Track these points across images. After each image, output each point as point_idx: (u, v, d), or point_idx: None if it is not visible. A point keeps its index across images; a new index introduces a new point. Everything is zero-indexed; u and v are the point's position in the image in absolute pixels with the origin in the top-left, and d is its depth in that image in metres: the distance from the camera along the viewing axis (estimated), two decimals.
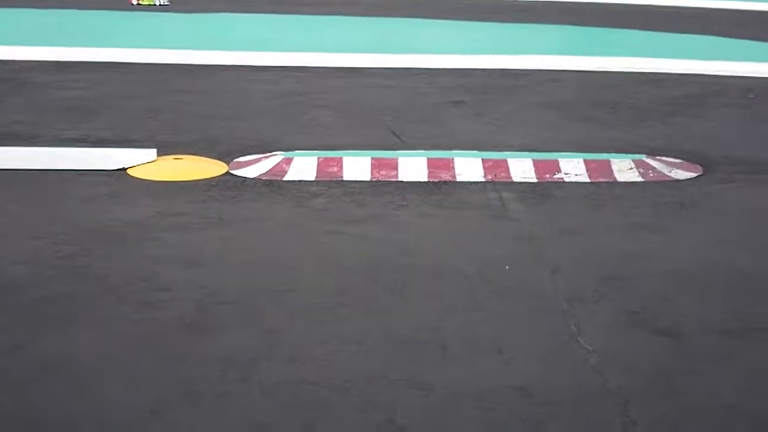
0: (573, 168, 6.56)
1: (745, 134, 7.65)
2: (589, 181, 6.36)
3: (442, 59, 10.84)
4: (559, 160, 6.71)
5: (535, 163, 6.64)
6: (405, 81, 9.81)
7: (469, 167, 6.57)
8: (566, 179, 6.42)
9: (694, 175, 6.52)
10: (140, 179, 6.30)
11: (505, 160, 6.69)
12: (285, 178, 6.39)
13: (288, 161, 6.63)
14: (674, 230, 5.44)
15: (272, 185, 6.22)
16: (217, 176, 6.40)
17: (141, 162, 6.60)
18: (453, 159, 6.71)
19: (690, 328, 4.08)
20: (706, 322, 4.14)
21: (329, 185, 6.23)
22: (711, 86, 9.40)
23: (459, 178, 6.42)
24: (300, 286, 4.56)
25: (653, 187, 6.23)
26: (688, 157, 6.82)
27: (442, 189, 6.18)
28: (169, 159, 6.75)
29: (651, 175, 6.48)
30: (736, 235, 5.36)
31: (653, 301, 4.38)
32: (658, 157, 6.80)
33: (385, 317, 4.22)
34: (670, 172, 6.55)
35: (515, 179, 6.39)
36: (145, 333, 4.02)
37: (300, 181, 6.32)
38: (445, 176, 6.45)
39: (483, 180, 6.38)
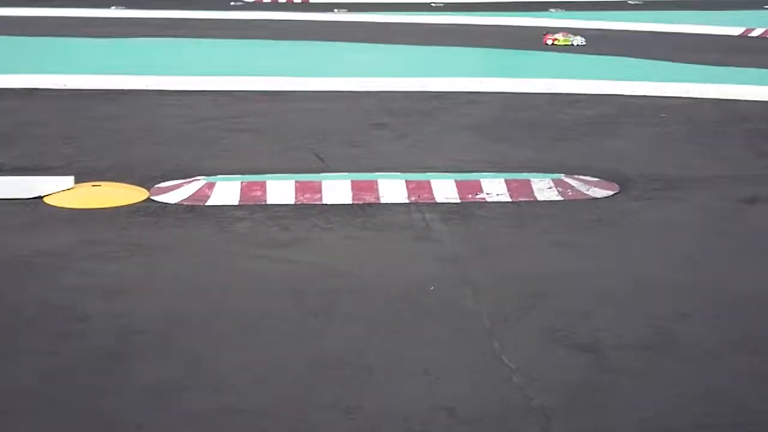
0: (494, 188, 6.66)
1: (659, 152, 7.88)
2: (510, 200, 6.47)
3: (364, 82, 10.89)
4: (481, 180, 6.80)
5: (458, 183, 6.72)
6: (327, 104, 9.82)
7: (392, 189, 6.61)
8: (488, 199, 6.51)
9: (611, 192, 6.68)
10: (57, 207, 6.15)
11: (428, 181, 6.75)
12: (208, 203, 6.32)
13: (210, 186, 6.57)
14: (593, 247, 5.57)
15: (195, 211, 6.15)
16: (138, 202, 6.29)
17: (58, 190, 6.45)
18: (377, 181, 6.75)
19: (610, 344, 4.17)
20: (624, 338, 4.24)
21: (253, 209, 6.19)
22: (626, 106, 9.66)
23: (383, 200, 6.45)
24: (224, 312, 4.51)
25: (572, 206, 6.37)
26: (605, 176, 6.99)
27: (366, 211, 6.20)
28: (87, 186, 6.61)
29: (570, 193, 6.62)
30: (652, 251, 5.50)
31: (574, 317, 4.46)
32: (576, 176, 6.95)
33: (311, 341, 4.20)
34: (588, 190, 6.70)
35: (438, 200, 6.45)
36: (64, 365, 3.92)
37: (223, 205, 6.26)
38: (369, 198, 6.48)
39: (407, 201, 6.43)
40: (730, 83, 10.62)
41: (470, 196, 6.55)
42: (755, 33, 15.36)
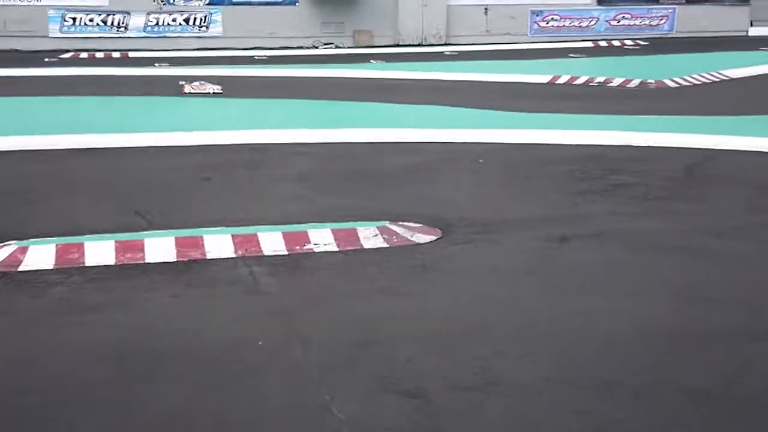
0: (322, 238, 6.71)
1: (477, 197, 8.20)
2: (337, 249, 6.53)
3: (187, 137, 10.74)
4: (308, 231, 6.84)
5: (285, 235, 6.72)
6: (149, 160, 9.61)
7: (219, 244, 6.52)
8: (316, 249, 6.54)
9: (434, 238, 6.88)
10: None
11: (255, 235, 6.71)
12: (20, 269, 6.00)
13: (23, 250, 6.24)
14: (418, 292, 5.69)
15: (5, 278, 5.81)
16: None
17: None
18: (202, 237, 6.64)
19: (435, 387, 4.25)
20: (449, 380, 4.34)
21: (69, 273, 5.93)
22: (445, 153, 10.02)
23: (209, 256, 6.35)
24: (38, 383, 4.27)
25: (397, 252, 6.50)
26: (428, 221, 7.19)
27: (191, 268, 6.08)
28: None
29: (395, 240, 6.76)
30: (473, 293, 5.69)
31: (401, 363, 4.53)
32: (400, 223, 7.11)
33: (134, 407, 4.05)
34: (412, 236, 6.87)
35: (266, 253, 6.42)
36: None
37: (37, 270, 5.96)
38: (194, 255, 6.36)
39: (234, 256, 6.36)
40: (540, 128, 11.25)
41: (298, 247, 6.56)
42: (561, 80, 16.37)
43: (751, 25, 25.50)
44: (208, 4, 22.16)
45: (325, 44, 22.32)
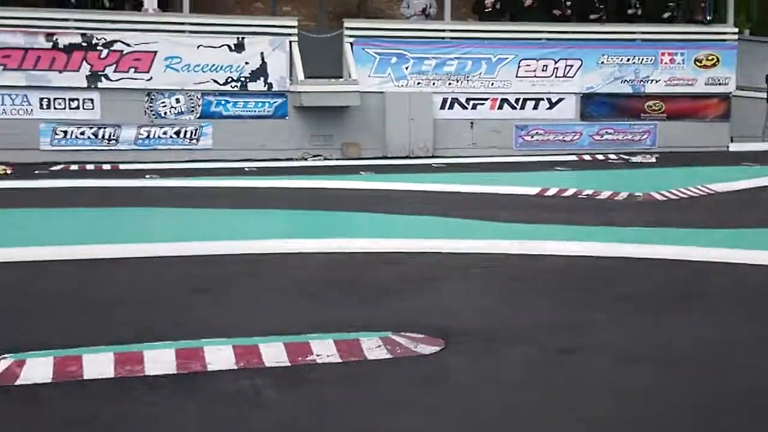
0: (324, 349, 6.60)
1: (475, 306, 8.14)
2: (340, 361, 6.42)
3: (177, 247, 10.68)
4: (310, 342, 6.74)
5: (287, 346, 6.62)
6: (143, 271, 9.53)
7: (219, 356, 6.41)
8: (319, 360, 6.43)
9: (437, 348, 6.78)
10: None
11: (257, 346, 6.60)
12: (17, 383, 5.84)
13: (20, 364, 6.09)
14: (425, 405, 5.57)
15: (3, 392, 5.65)
16: None
17: None
18: (203, 348, 6.52)
19: None
20: None
21: (69, 386, 5.77)
22: (442, 262, 10.01)
23: (210, 368, 6.22)
24: None
25: (402, 363, 6.40)
26: (430, 332, 7.11)
27: (194, 381, 5.94)
28: None
29: (398, 351, 6.66)
30: (478, 406, 5.57)
31: None
32: (402, 334, 7.03)
33: None
34: (416, 347, 6.78)
35: (268, 364, 6.30)
36: None
37: (35, 384, 5.80)
38: (195, 367, 6.22)
39: (235, 368, 6.23)
40: (534, 239, 11.29)
41: (300, 358, 6.44)
42: (550, 192, 16.56)
43: (732, 140, 26.08)
44: (198, 118, 22.51)
45: (314, 156, 22.59)
